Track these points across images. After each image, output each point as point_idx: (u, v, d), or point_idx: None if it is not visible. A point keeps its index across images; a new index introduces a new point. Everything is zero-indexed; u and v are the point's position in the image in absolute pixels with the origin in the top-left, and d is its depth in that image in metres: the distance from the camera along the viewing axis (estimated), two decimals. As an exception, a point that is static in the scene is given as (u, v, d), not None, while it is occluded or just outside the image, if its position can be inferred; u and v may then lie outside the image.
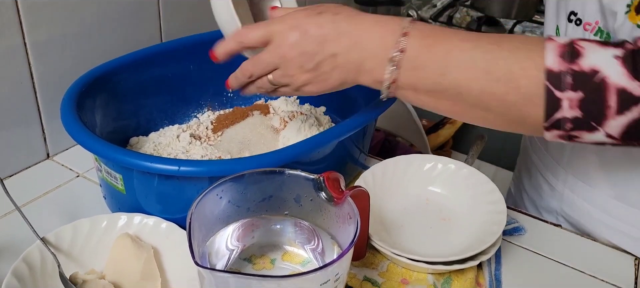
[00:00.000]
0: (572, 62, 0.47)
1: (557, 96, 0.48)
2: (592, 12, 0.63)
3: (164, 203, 0.59)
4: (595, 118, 0.48)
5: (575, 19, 0.65)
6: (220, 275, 0.44)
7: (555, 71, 0.48)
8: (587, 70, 0.47)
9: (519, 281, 0.63)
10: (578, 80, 0.47)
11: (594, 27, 0.63)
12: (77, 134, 0.57)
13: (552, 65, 0.48)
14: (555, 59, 0.48)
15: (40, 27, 0.70)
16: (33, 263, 0.53)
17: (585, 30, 0.64)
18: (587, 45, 0.48)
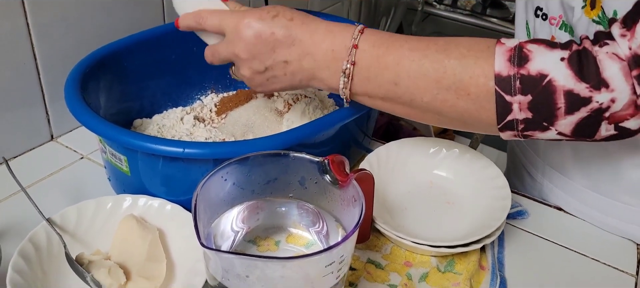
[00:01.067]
0: (521, 66, 0.48)
1: (507, 100, 0.49)
2: (555, 7, 0.63)
3: (169, 185, 0.59)
4: (546, 119, 0.49)
5: (541, 13, 0.66)
6: (226, 256, 0.44)
7: (504, 76, 0.49)
8: (535, 74, 0.48)
9: (521, 264, 0.63)
10: (526, 84, 0.48)
11: (558, 21, 0.63)
12: (81, 115, 0.57)
13: (501, 70, 0.49)
14: (504, 64, 0.49)
15: (43, 8, 0.70)
16: (39, 244, 0.53)
17: (551, 24, 0.64)
18: (534, 48, 0.49)
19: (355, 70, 0.54)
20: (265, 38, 0.54)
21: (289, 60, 0.55)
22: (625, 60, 0.46)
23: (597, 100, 0.47)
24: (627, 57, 0.46)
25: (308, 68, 0.55)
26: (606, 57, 0.47)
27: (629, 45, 0.47)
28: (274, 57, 0.55)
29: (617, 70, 0.46)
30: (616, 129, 0.49)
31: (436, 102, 0.52)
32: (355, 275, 0.59)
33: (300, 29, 0.54)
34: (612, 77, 0.47)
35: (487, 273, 0.61)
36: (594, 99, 0.47)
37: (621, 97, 0.47)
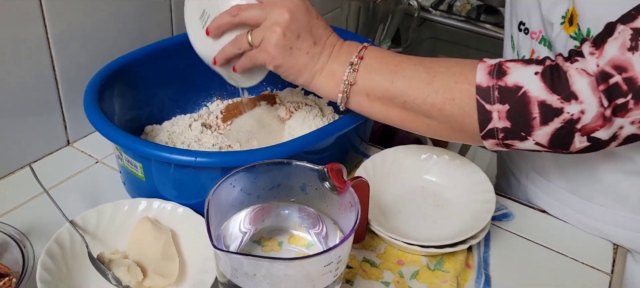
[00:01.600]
0: (499, 78, 0.55)
1: (487, 108, 0.55)
2: (536, 22, 0.69)
3: (180, 190, 0.65)
4: (523, 128, 0.55)
5: (523, 28, 0.72)
6: (235, 257, 0.49)
7: (484, 86, 0.55)
8: (511, 85, 0.54)
9: (505, 262, 0.68)
10: (504, 94, 0.54)
11: (538, 35, 0.69)
12: (101, 127, 0.62)
13: (481, 81, 0.55)
14: (484, 77, 0.55)
15: (61, 23, 0.75)
16: (63, 244, 0.58)
17: (532, 38, 0.70)
18: (512, 64, 0.55)
19: (361, 63, 0.61)
20: (312, 13, 0.61)
21: (317, 42, 0.61)
22: (593, 75, 0.52)
23: (568, 111, 0.53)
24: (595, 72, 0.52)
25: (325, 56, 0.62)
26: (576, 72, 0.52)
27: (597, 62, 0.52)
28: (309, 31, 0.61)
29: (586, 85, 0.52)
30: (589, 140, 0.54)
31: (426, 104, 0.58)
32: (351, 272, 0.64)
33: (326, 26, 0.63)
34: (581, 90, 0.52)
35: (473, 272, 0.66)
36: (565, 109, 0.53)
37: (590, 109, 0.52)
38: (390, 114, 0.62)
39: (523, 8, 0.72)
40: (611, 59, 0.51)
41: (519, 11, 0.73)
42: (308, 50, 0.61)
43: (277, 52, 0.61)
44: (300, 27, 0.61)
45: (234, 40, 0.64)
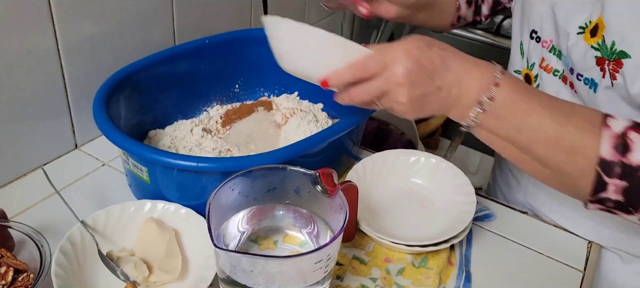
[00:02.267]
0: (623, 155, 0.54)
1: (605, 180, 0.55)
2: (548, 31, 0.73)
3: (183, 192, 0.69)
4: (635, 205, 0.55)
5: (535, 36, 0.76)
6: (234, 255, 0.54)
7: (608, 160, 0.55)
8: (635, 164, 0.54)
9: (485, 260, 0.73)
10: (626, 171, 0.54)
11: (549, 44, 0.74)
12: (110, 134, 0.66)
13: (606, 155, 0.55)
14: (609, 150, 0.55)
15: (70, 33, 0.79)
16: (75, 242, 0.63)
17: (542, 46, 0.75)
18: (636, 138, 0.54)
19: (492, 106, 0.58)
20: (425, 65, 0.57)
21: (443, 86, 0.58)
22: None
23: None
24: None
25: (454, 95, 0.58)
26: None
27: None
28: (431, 84, 0.57)
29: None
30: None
31: (547, 157, 0.58)
32: (341, 269, 0.69)
33: (453, 58, 0.58)
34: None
35: (455, 269, 0.71)
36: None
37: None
38: (507, 150, 0.61)
39: (536, 17, 0.75)
40: None
41: (532, 20, 0.76)
42: (437, 97, 0.59)
43: (410, 110, 0.59)
44: (422, 78, 0.57)
45: (356, 70, 0.59)
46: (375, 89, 0.59)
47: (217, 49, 0.92)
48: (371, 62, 0.58)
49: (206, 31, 0.96)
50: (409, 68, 0.56)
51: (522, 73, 0.81)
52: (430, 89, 0.58)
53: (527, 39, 0.78)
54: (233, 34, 0.94)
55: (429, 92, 0.58)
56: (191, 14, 0.99)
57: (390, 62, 0.57)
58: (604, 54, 0.64)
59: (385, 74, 0.58)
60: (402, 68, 0.56)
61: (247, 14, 1.15)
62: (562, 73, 0.74)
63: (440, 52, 0.58)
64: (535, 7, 0.76)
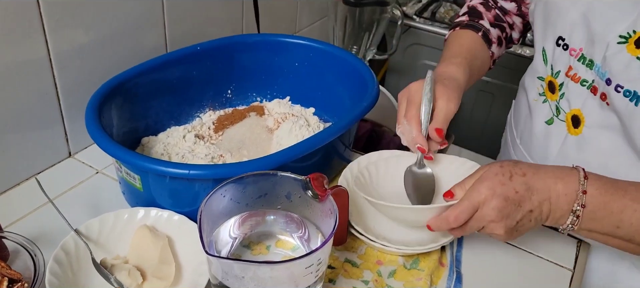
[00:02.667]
0: None
1: None
2: (578, 39, 0.71)
3: (175, 199, 0.70)
4: None
5: (562, 43, 0.73)
6: (225, 261, 0.55)
7: None
8: None
9: (477, 261, 0.74)
10: None
11: (578, 53, 0.71)
12: (103, 143, 0.67)
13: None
14: None
15: (62, 43, 0.80)
16: (69, 250, 0.64)
17: (570, 55, 0.72)
18: None
19: (584, 212, 0.60)
20: (512, 198, 0.60)
21: (533, 208, 0.61)
22: None
23: None
24: None
25: (546, 211, 0.62)
26: None
27: None
28: (521, 210, 0.61)
29: None
30: None
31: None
32: (334, 272, 0.70)
33: (534, 179, 0.61)
34: None
35: (446, 270, 0.72)
36: None
37: None
38: (610, 242, 0.63)
39: (564, 23, 0.72)
40: None
41: (559, 26, 0.73)
42: (530, 218, 0.62)
43: (509, 237, 0.63)
44: (512, 209, 0.60)
45: (452, 222, 0.63)
46: (472, 229, 0.64)
47: (209, 55, 0.92)
48: (463, 214, 0.62)
49: (198, 37, 0.97)
50: (498, 206, 0.60)
51: (546, 80, 0.78)
52: (522, 215, 0.61)
53: (551, 45, 0.75)
54: (225, 40, 0.95)
55: (522, 218, 0.61)
56: (182, 21, 1.00)
57: (480, 205, 0.61)
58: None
59: (478, 216, 0.62)
60: (492, 208, 0.60)
61: (239, 19, 1.16)
62: (591, 83, 0.71)
63: (522, 179, 0.61)
64: (563, 13, 0.73)
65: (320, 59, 0.95)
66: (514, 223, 0.61)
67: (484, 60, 0.88)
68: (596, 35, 0.68)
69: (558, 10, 0.74)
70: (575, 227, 0.61)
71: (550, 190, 0.61)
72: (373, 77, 0.87)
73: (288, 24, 1.36)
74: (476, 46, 0.87)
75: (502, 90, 1.60)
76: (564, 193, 0.61)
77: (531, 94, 0.82)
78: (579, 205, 0.60)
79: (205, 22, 1.05)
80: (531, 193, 0.61)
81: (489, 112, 1.67)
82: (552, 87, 0.77)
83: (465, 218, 0.62)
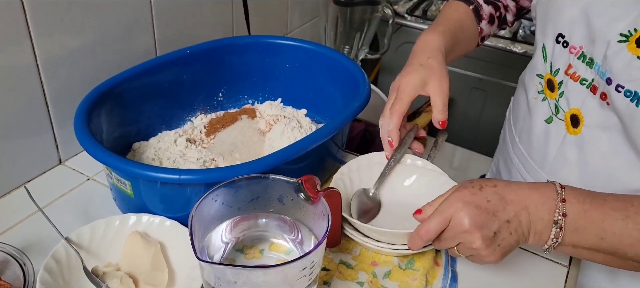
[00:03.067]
0: None
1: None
2: (578, 37, 0.69)
3: (167, 204, 0.69)
4: None
5: (562, 41, 0.72)
6: (217, 267, 0.55)
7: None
8: None
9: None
10: None
11: (578, 51, 0.70)
12: (91, 150, 0.66)
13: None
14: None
15: (49, 48, 0.79)
16: (60, 259, 0.63)
17: (570, 52, 0.71)
18: None
19: (566, 221, 0.58)
20: (484, 207, 0.58)
21: (510, 218, 0.59)
22: None
23: None
24: None
25: (525, 222, 0.59)
26: None
27: None
28: (497, 220, 0.58)
29: None
30: None
31: (638, 256, 0.58)
32: (328, 275, 0.69)
33: (506, 190, 0.60)
34: None
35: (441, 269, 0.72)
36: None
37: None
38: (596, 258, 0.61)
39: (565, 20, 0.71)
40: None
41: (559, 23, 0.72)
42: (509, 230, 0.59)
43: (490, 254, 0.60)
44: (486, 218, 0.58)
45: (425, 235, 0.62)
46: (448, 241, 0.62)
47: (199, 58, 0.92)
48: (433, 225, 0.61)
49: (188, 40, 0.96)
50: (469, 213, 0.58)
51: (545, 78, 0.77)
52: (498, 225, 0.59)
53: (551, 42, 0.74)
54: (215, 43, 0.94)
55: (499, 229, 0.59)
56: (172, 24, 0.99)
57: (452, 215, 0.60)
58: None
59: (451, 227, 0.60)
60: (463, 217, 0.59)
61: (229, 21, 1.15)
62: (590, 82, 0.69)
63: (493, 189, 0.60)
64: (563, 10, 0.71)
65: (312, 59, 0.94)
66: (492, 233, 0.59)
67: (472, 35, 0.89)
68: (596, 33, 0.67)
69: (558, 7, 0.72)
70: (560, 240, 0.59)
71: (525, 199, 0.59)
72: (364, 77, 0.86)
73: (279, 25, 1.35)
74: (465, 19, 0.87)
75: (496, 87, 1.60)
76: (541, 202, 0.59)
77: (530, 91, 0.82)
78: (560, 215, 0.58)
79: (195, 25, 1.05)
80: (505, 204, 0.59)
81: (483, 110, 1.66)
82: (551, 85, 0.76)
83: (436, 229, 0.60)
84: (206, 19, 1.08)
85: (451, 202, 0.60)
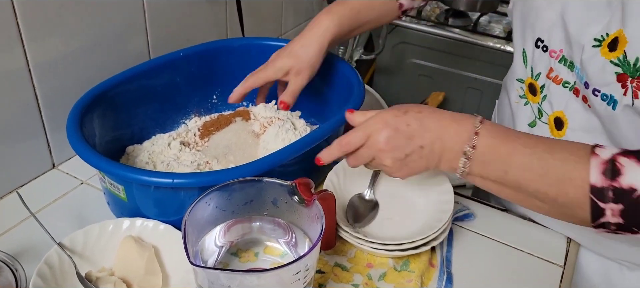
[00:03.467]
0: (613, 179, 0.54)
1: (601, 206, 0.55)
2: (557, 41, 0.70)
3: (161, 208, 0.69)
4: (637, 224, 0.55)
5: (541, 45, 0.72)
6: (211, 271, 0.54)
7: (598, 187, 0.55)
8: (626, 187, 0.54)
9: (467, 260, 0.74)
10: (618, 195, 0.54)
11: (558, 54, 0.70)
12: (84, 154, 0.66)
13: (596, 181, 0.55)
14: (598, 177, 0.55)
15: (41, 52, 0.78)
16: (53, 265, 0.63)
17: (550, 56, 0.71)
18: (626, 161, 0.54)
19: (475, 153, 0.60)
20: (402, 130, 0.62)
21: (424, 144, 0.62)
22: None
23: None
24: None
25: (438, 150, 0.62)
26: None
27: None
28: (411, 144, 0.62)
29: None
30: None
31: (539, 193, 0.59)
32: (323, 277, 0.69)
33: (429, 119, 0.62)
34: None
35: (436, 270, 0.72)
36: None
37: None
38: (502, 192, 0.63)
39: (543, 25, 0.71)
40: None
41: (538, 27, 0.72)
42: (421, 155, 0.63)
43: (396, 171, 0.64)
44: (402, 141, 0.62)
45: (343, 146, 0.66)
46: (364, 157, 0.66)
47: (193, 61, 0.91)
48: (355, 138, 0.65)
49: (182, 43, 0.95)
50: (388, 135, 0.62)
51: (526, 82, 0.78)
52: (411, 149, 0.62)
53: (531, 47, 0.74)
54: (209, 45, 0.94)
55: (411, 152, 0.62)
56: (165, 27, 0.99)
57: (372, 133, 0.63)
58: (627, 70, 0.61)
59: (368, 144, 0.64)
60: (382, 136, 0.62)
61: (223, 23, 1.15)
62: (573, 85, 0.70)
63: (417, 114, 0.62)
64: (541, 14, 0.72)
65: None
66: (403, 155, 0.63)
67: (383, 12, 0.90)
68: (572, 38, 0.67)
69: (536, 11, 0.73)
70: (467, 170, 0.61)
71: (443, 129, 0.62)
72: (358, 78, 0.86)
73: (273, 26, 1.35)
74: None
75: (491, 87, 1.60)
76: (456, 134, 0.61)
77: (512, 95, 0.82)
78: (470, 147, 0.60)
79: (188, 27, 1.04)
80: (424, 130, 0.62)
81: (478, 109, 1.67)
82: (533, 89, 0.77)
83: (356, 144, 0.64)
84: (200, 21, 1.08)
85: (376, 120, 0.64)
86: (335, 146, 0.67)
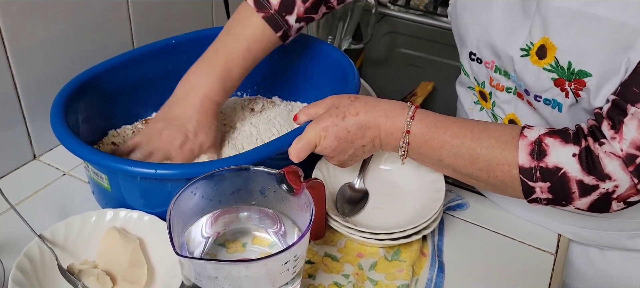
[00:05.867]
0: (540, 160, 0.58)
1: (530, 185, 0.59)
2: (487, 54, 0.72)
3: (146, 199, 0.67)
4: (564, 199, 0.59)
5: (475, 58, 0.74)
6: (197, 262, 0.53)
7: (526, 167, 0.59)
8: (552, 166, 0.58)
9: (458, 249, 0.73)
10: (545, 174, 0.58)
11: (492, 65, 0.72)
12: (68, 143, 0.64)
13: (523, 163, 0.59)
14: (526, 157, 0.59)
15: (19, 40, 0.76)
16: (33, 258, 0.61)
17: (486, 67, 0.73)
18: (551, 142, 0.58)
19: (409, 148, 0.65)
20: (343, 137, 0.66)
21: (365, 144, 0.67)
22: (621, 157, 0.56)
23: (603, 188, 0.57)
24: (622, 155, 0.56)
25: (378, 145, 0.67)
26: (605, 156, 0.56)
27: (620, 146, 0.56)
28: (353, 146, 0.67)
29: (616, 166, 0.56)
30: (625, 204, 0.59)
31: (472, 176, 0.64)
32: (313, 267, 0.68)
33: (366, 118, 0.65)
34: (613, 171, 0.56)
35: (428, 259, 0.71)
36: (600, 186, 0.57)
37: (622, 184, 0.56)
38: (441, 171, 0.69)
39: (472, 40, 0.73)
40: (632, 141, 0.55)
41: (468, 42, 0.74)
42: (363, 151, 0.68)
43: (342, 165, 0.70)
44: (344, 146, 0.66)
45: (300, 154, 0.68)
46: (307, 150, 0.68)
47: (185, 48, 0.88)
48: (303, 151, 0.67)
49: (166, 32, 0.93)
50: (331, 146, 0.66)
51: (476, 90, 0.79)
52: (354, 150, 0.67)
53: (466, 60, 0.76)
54: (202, 33, 0.92)
55: (355, 151, 0.68)
56: (149, 15, 0.96)
57: (317, 142, 0.67)
58: (562, 75, 0.63)
59: (317, 150, 0.68)
60: (326, 147, 0.67)
61: (209, 13, 1.13)
62: (515, 90, 0.72)
63: (355, 119, 0.65)
64: (469, 29, 0.73)
65: (298, 50, 0.92)
66: (347, 156, 0.68)
67: (274, 41, 0.79)
68: (500, 50, 0.69)
69: (465, 27, 0.74)
70: (406, 157, 0.67)
71: (379, 127, 0.66)
72: (353, 67, 0.84)
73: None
74: (255, 37, 0.78)
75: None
76: (390, 132, 0.65)
77: (466, 102, 0.82)
78: (404, 143, 0.65)
79: (172, 16, 1.02)
80: (364, 131, 0.66)
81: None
82: (483, 96, 0.78)
83: (306, 153, 0.67)
84: (184, 10, 1.05)
85: (317, 130, 0.66)
86: (293, 156, 0.68)
